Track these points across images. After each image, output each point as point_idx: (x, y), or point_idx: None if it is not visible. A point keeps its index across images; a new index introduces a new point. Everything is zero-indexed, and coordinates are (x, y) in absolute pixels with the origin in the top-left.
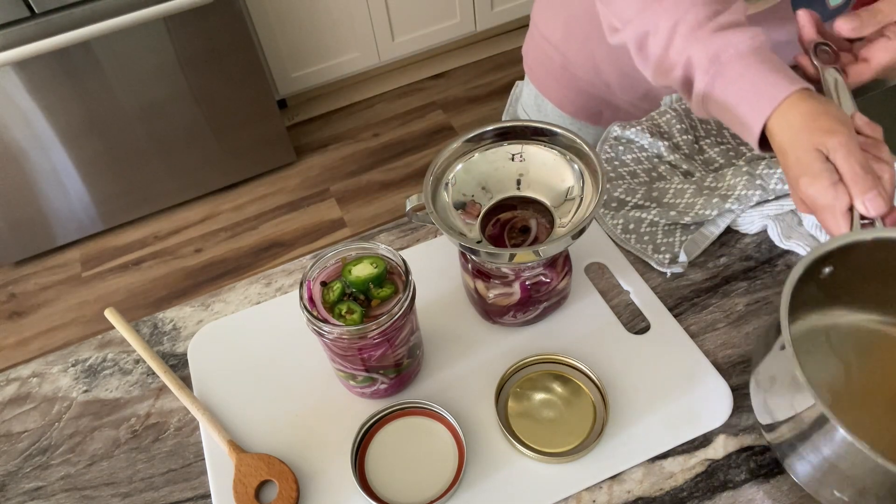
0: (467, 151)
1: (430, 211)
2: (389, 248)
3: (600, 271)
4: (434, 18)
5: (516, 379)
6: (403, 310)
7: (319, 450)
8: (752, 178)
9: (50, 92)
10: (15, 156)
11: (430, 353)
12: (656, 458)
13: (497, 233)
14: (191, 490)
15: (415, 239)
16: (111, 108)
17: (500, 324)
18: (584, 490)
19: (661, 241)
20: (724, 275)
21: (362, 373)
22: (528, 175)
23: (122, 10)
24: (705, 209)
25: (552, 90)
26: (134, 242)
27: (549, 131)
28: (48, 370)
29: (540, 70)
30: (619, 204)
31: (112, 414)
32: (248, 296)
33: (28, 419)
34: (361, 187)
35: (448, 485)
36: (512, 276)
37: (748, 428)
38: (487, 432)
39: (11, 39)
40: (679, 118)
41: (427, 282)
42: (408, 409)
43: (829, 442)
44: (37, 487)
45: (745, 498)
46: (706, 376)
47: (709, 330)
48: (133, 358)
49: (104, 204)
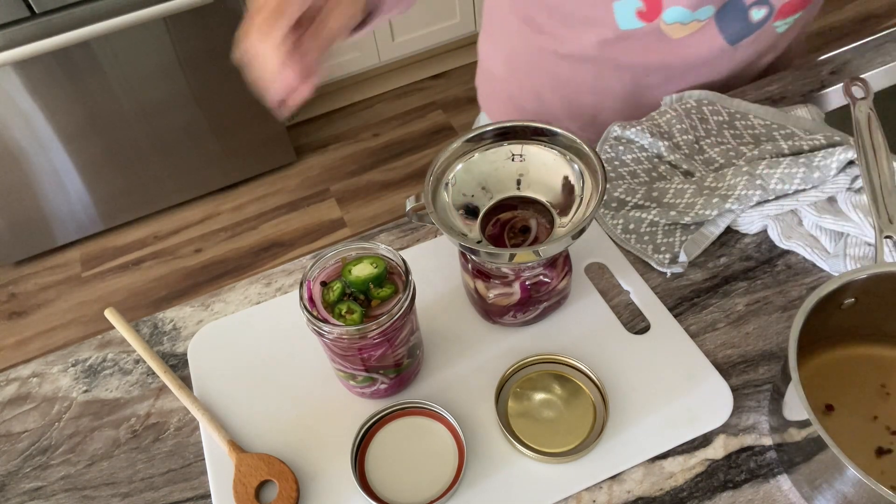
0: (467, 151)
1: (430, 211)
2: (389, 248)
3: (600, 271)
4: (434, 18)
5: (516, 379)
6: (403, 310)
7: (319, 450)
8: (753, 178)
9: (50, 92)
10: (15, 156)
11: (430, 353)
12: (656, 458)
13: (497, 233)
14: (191, 490)
15: (415, 239)
16: (111, 108)
17: (500, 324)
18: (584, 490)
19: (661, 241)
20: (724, 275)
21: (362, 373)
22: (528, 175)
23: (122, 10)
24: (705, 209)
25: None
26: (134, 242)
27: (549, 131)
28: (48, 370)
29: (491, 102)
30: (619, 204)
31: (112, 414)
32: (248, 296)
33: (28, 419)
34: (361, 187)
35: (448, 485)
36: (512, 276)
37: (748, 428)
38: (487, 432)
39: (11, 39)
40: (679, 118)
41: (427, 282)
42: (408, 409)
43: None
44: (37, 487)
45: (745, 498)
46: (706, 376)
47: (709, 330)
48: (133, 358)
49: (104, 204)
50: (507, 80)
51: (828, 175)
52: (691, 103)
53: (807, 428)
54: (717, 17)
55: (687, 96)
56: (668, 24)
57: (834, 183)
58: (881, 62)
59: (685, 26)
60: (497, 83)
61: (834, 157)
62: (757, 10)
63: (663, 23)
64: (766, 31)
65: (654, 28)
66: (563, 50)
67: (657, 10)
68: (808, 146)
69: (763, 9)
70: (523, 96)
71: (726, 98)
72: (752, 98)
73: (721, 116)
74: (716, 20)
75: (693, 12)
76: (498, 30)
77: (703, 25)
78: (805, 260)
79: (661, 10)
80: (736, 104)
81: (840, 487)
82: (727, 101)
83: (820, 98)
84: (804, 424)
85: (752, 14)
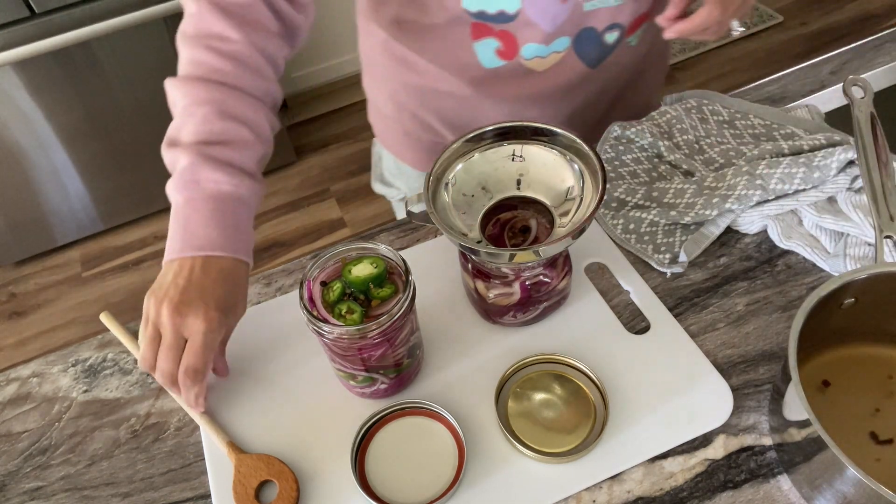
0: (467, 151)
1: (430, 211)
2: (389, 248)
3: (600, 271)
4: None
5: (516, 379)
6: (403, 310)
7: (319, 450)
8: (753, 178)
9: (50, 92)
10: (15, 156)
11: (430, 353)
12: (656, 458)
13: (497, 233)
14: (191, 490)
15: (415, 239)
16: (111, 108)
17: (500, 324)
18: (584, 490)
19: (661, 241)
20: (724, 275)
21: (362, 373)
22: (528, 175)
23: (122, 10)
24: (705, 209)
25: (406, 155)
26: (134, 242)
27: (549, 131)
28: (48, 370)
29: (388, 137)
30: (619, 204)
31: (112, 414)
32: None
33: (28, 419)
34: (361, 187)
35: (448, 485)
36: (512, 276)
37: (748, 428)
38: (487, 432)
39: (11, 39)
40: (679, 118)
41: (427, 282)
42: (408, 409)
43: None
44: (37, 487)
45: (745, 498)
46: (706, 376)
47: (709, 330)
48: (133, 358)
49: (104, 204)
50: (398, 118)
51: (828, 175)
52: (691, 103)
53: (807, 428)
54: (574, 47)
55: (687, 96)
56: (529, 60)
57: (834, 183)
58: (881, 62)
59: (545, 59)
60: (389, 121)
61: (834, 157)
62: (610, 34)
63: (523, 59)
64: (623, 49)
65: (517, 64)
66: (442, 88)
67: (514, 48)
68: (808, 146)
69: (615, 32)
70: (417, 130)
71: (726, 98)
72: (752, 98)
73: (721, 116)
74: (574, 49)
75: (548, 46)
76: (378, 70)
77: (563, 56)
78: (805, 260)
79: (517, 48)
80: (736, 104)
81: (840, 487)
82: (727, 101)
83: (820, 98)
84: (804, 424)
85: (606, 38)
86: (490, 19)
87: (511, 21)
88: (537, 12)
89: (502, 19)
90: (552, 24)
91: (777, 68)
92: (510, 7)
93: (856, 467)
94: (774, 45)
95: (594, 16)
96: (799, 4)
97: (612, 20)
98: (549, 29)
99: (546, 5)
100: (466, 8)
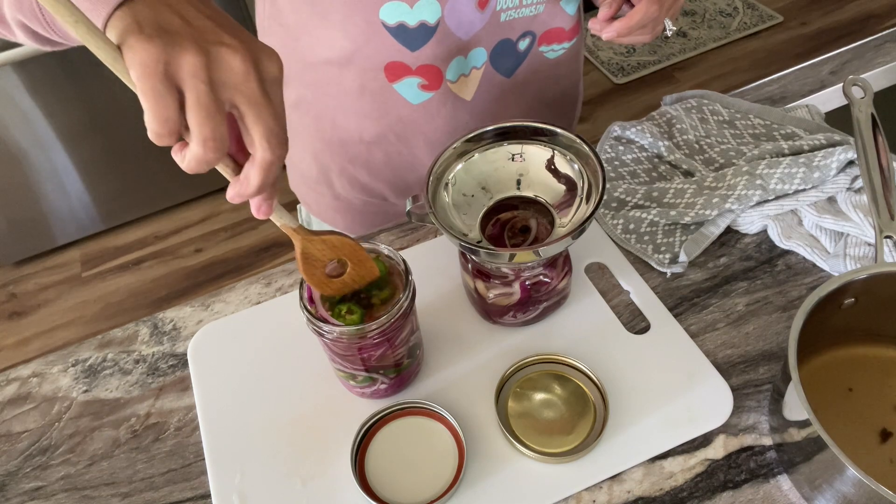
0: (467, 151)
1: (430, 211)
2: (390, 248)
3: (600, 271)
4: None
5: (516, 379)
6: (403, 310)
7: (319, 450)
8: (752, 178)
9: (50, 92)
10: (15, 156)
11: (430, 353)
12: (656, 458)
13: (497, 233)
14: (191, 490)
15: (415, 239)
16: (111, 108)
17: (500, 324)
18: (584, 490)
19: (661, 241)
20: (724, 275)
21: (362, 373)
22: (528, 175)
23: None
24: (705, 209)
25: (337, 222)
26: (134, 242)
27: (550, 131)
28: (48, 370)
29: (316, 206)
30: (619, 204)
31: (112, 414)
32: (248, 296)
33: (28, 419)
34: None
35: (448, 485)
36: (512, 276)
37: (748, 428)
38: (487, 432)
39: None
40: (679, 118)
41: (427, 282)
42: (408, 409)
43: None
44: (37, 487)
45: (745, 498)
46: (706, 376)
47: (709, 330)
48: (133, 358)
49: (104, 204)
50: (327, 181)
51: (828, 175)
52: (691, 103)
53: (807, 428)
54: (491, 60)
55: (687, 96)
56: (455, 83)
57: (834, 183)
58: (881, 62)
59: (468, 77)
60: (312, 183)
61: (834, 157)
62: (522, 42)
63: (450, 83)
64: (536, 57)
65: (445, 91)
66: (368, 136)
67: (439, 78)
68: (808, 146)
69: (526, 39)
70: (349, 193)
71: (726, 98)
72: (752, 98)
73: (721, 116)
74: (491, 63)
75: (466, 59)
76: (294, 129)
77: (483, 70)
78: (805, 260)
79: (442, 76)
80: (736, 104)
81: (840, 487)
82: (727, 101)
83: (820, 98)
84: (804, 424)
85: (519, 45)
86: (410, 35)
87: (431, 36)
88: (455, 21)
89: (423, 33)
90: (468, 32)
91: (777, 68)
92: (431, 17)
93: (856, 467)
94: (774, 45)
95: (510, 26)
96: (799, 4)
97: (526, 28)
98: (466, 37)
99: (464, 13)
100: (384, 20)
